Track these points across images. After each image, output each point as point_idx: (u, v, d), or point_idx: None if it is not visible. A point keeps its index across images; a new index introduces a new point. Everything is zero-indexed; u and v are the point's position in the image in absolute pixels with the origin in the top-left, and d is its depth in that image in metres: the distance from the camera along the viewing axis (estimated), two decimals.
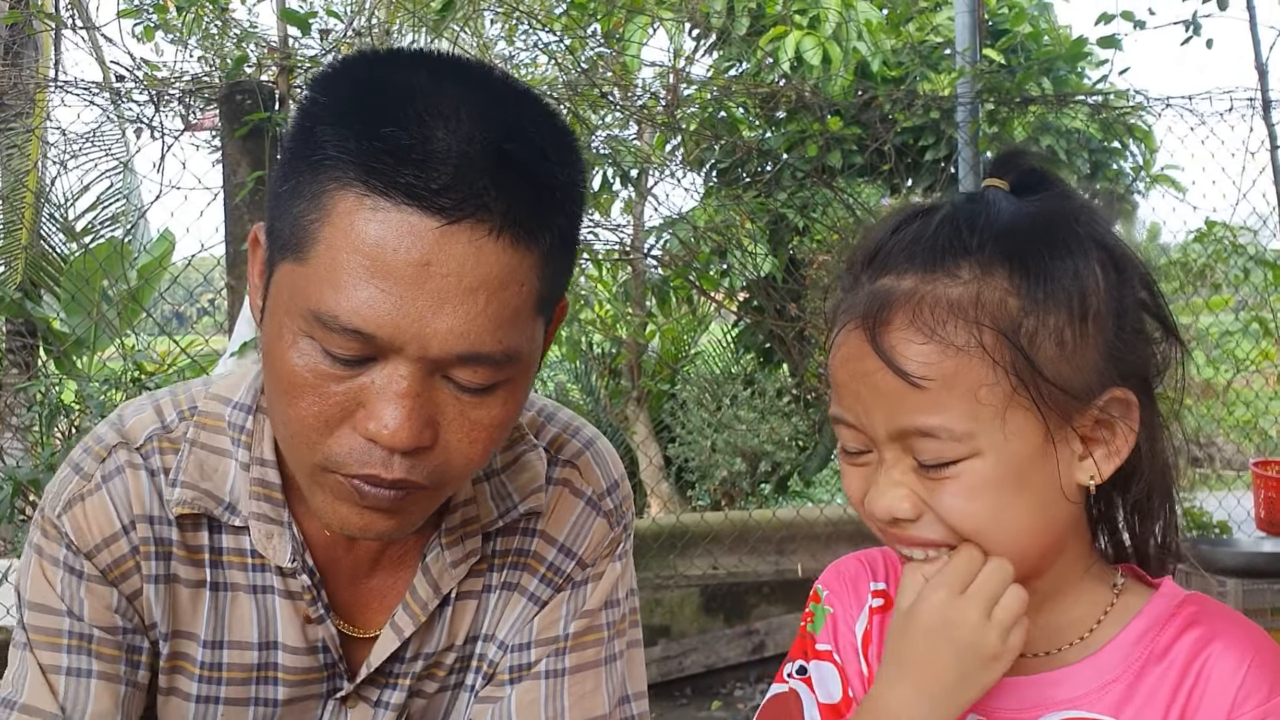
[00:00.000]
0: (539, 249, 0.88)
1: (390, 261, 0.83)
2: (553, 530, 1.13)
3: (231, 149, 3.85)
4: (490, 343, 0.86)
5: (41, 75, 5.71)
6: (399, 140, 0.83)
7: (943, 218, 0.87)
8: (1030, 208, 0.88)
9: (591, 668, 1.13)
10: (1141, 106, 5.11)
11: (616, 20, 5.16)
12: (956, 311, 0.83)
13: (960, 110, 4.66)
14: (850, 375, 0.87)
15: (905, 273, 0.86)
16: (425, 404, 0.87)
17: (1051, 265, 0.84)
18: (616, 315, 6.57)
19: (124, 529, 1.03)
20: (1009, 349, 0.82)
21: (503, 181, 0.84)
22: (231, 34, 4.68)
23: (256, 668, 1.08)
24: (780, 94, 4.99)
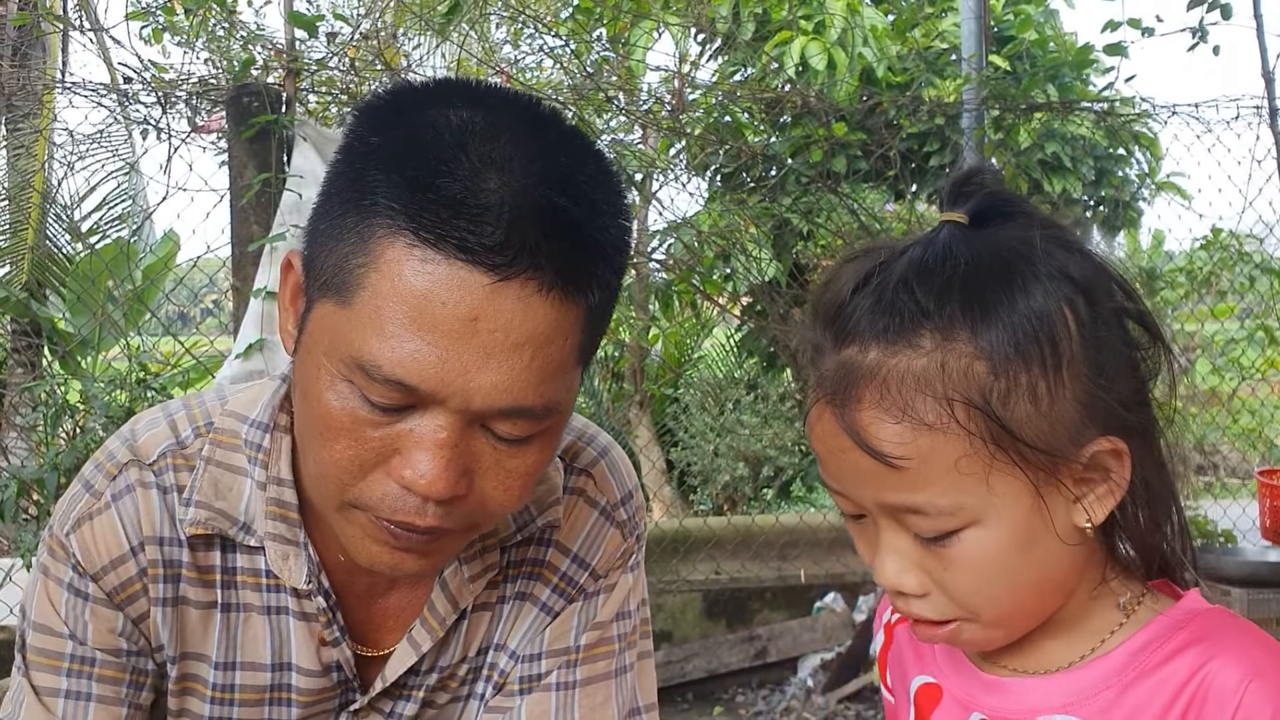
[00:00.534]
0: (586, 303, 0.87)
1: (438, 314, 0.81)
2: (567, 540, 1.12)
3: (238, 151, 3.86)
4: (533, 397, 0.85)
5: (49, 76, 5.73)
6: (452, 192, 0.81)
7: (900, 276, 0.84)
8: (988, 249, 0.84)
9: (602, 680, 1.12)
10: (1147, 114, 5.11)
11: (622, 25, 5.17)
12: (923, 386, 0.81)
13: (965, 117, 4.66)
14: (828, 451, 0.86)
15: (868, 344, 0.83)
16: (463, 454, 0.86)
17: (1015, 317, 0.81)
18: (620, 319, 6.57)
19: (132, 551, 1.02)
20: (983, 419, 0.80)
21: (554, 238, 0.83)
22: (238, 36, 4.69)
23: (270, 689, 1.07)
24: (785, 99, 4.99)
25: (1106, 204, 5.97)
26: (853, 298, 0.85)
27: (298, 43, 4.18)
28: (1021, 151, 5.53)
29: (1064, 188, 5.55)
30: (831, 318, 0.86)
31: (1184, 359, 8.04)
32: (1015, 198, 0.90)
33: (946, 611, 0.86)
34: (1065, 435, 0.82)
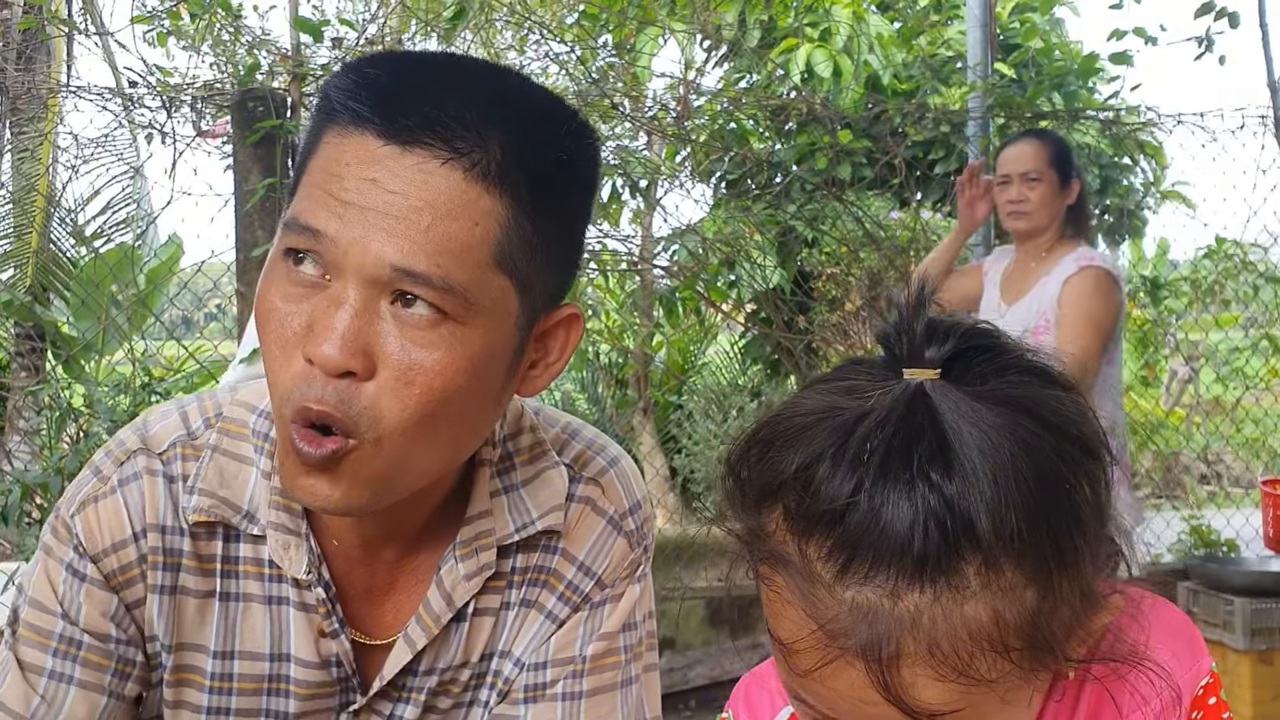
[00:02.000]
0: (502, 196, 0.89)
1: (346, 175, 0.88)
2: (573, 549, 1.11)
3: (243, 156, 3.86)
4: (426, 263, 0.87)
5: (54, 80, 5.74)
6: (380, 81, 0.90)
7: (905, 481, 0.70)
8: (996, 431, 0.72)
9: (608, 691, 1.11)
10: (1153, 123, 5.11)
11: (628, 31, 5.17)
12: (979, 640, 0.70)
13: (971, 124, 4.66)
14: (847, 704, 0.75)
15: (897, 586, 0.70)
16: (363, 328, 0.87)
17: (1054, 519, 0.72)
18: (624, 325, 6.57)
19: (134, 536, 1.02)
20: (1034, 652, 0.72)
21: (467, 119, 0.88)
22: (243, 41, 4.70)
23: (267, 679, 1.07)
24: (791, 106, 5.00)
25: (1111, 212, 5.96)
26: (847, 513, 0.71)
27: (303, 48, 4.19)
28: None
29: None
30: (815, 535, 0.73)
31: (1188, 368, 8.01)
32: (979, 331, 0.79)
33: None
34: (1088, 618, 0.76)
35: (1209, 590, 3.93)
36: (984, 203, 3.43)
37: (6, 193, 6.20)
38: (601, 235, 4.96)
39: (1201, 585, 3.99)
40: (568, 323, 1.00)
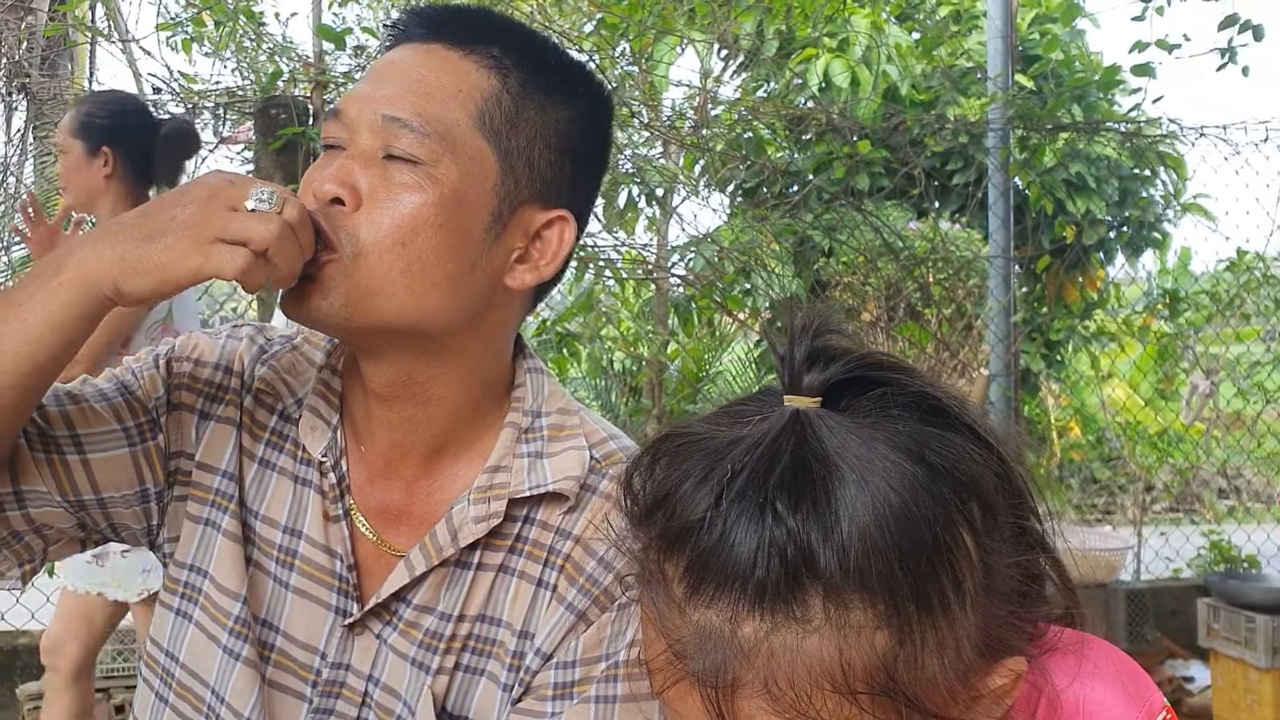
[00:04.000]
0: (492, 77, 1.08)
1: (375, 67, 1.10)
2: (595, 544, 1.13)
3: (265, 162, 3.89)
4: (409, 110, 1.04)
5: (78, 85, 5.79)
6: (420, 9, 1.11)
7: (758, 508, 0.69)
8: (864, 463, 0.69)
9: (645, 699, 1.11)
10: (1174, 135, 5.09)
11: (646, 40, 5.18)
12: (820, 679, 0.68)
13: (991, 136, 4.65)
14: None
15: (739, 613, 0.69)
16: (354, 169, 1.04)
17: (916, 562, 0.68)
18: (638, 333, 6.57)
19: (214, 366, 1.19)
20: (890, 703, 0.69)
21: (472, 24, 1.10)
22: (264, 48, 4.73)
23: (279, 548, 1.16)
24: (809, 116, 5.00)
25: (1131, 225, 5.94)
26: (698, 534, 0.71)
27: (325, 55, 4.22)
28: (1046, 171, 5.51)
29: (1088, 208, 5.53)
30: (674, 555, 0.73)
31: (1208, 382, 7.96)
32: (874, 360, 0.76)
33: None
34: (966, 677, 0.71)
35: (1230, 607, 3.90)
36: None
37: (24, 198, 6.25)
38: (617, 243, 4.97)
39: (1222, 602, 3.95)
40: (559, 225, 1.12)
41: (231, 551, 1.17)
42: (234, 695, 1.16)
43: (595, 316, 5.98)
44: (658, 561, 0.74)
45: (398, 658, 1.14)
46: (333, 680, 1.15)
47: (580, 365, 6.76)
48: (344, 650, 1.15)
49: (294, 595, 1.15)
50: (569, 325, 5.41)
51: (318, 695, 1.15)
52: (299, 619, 1.16)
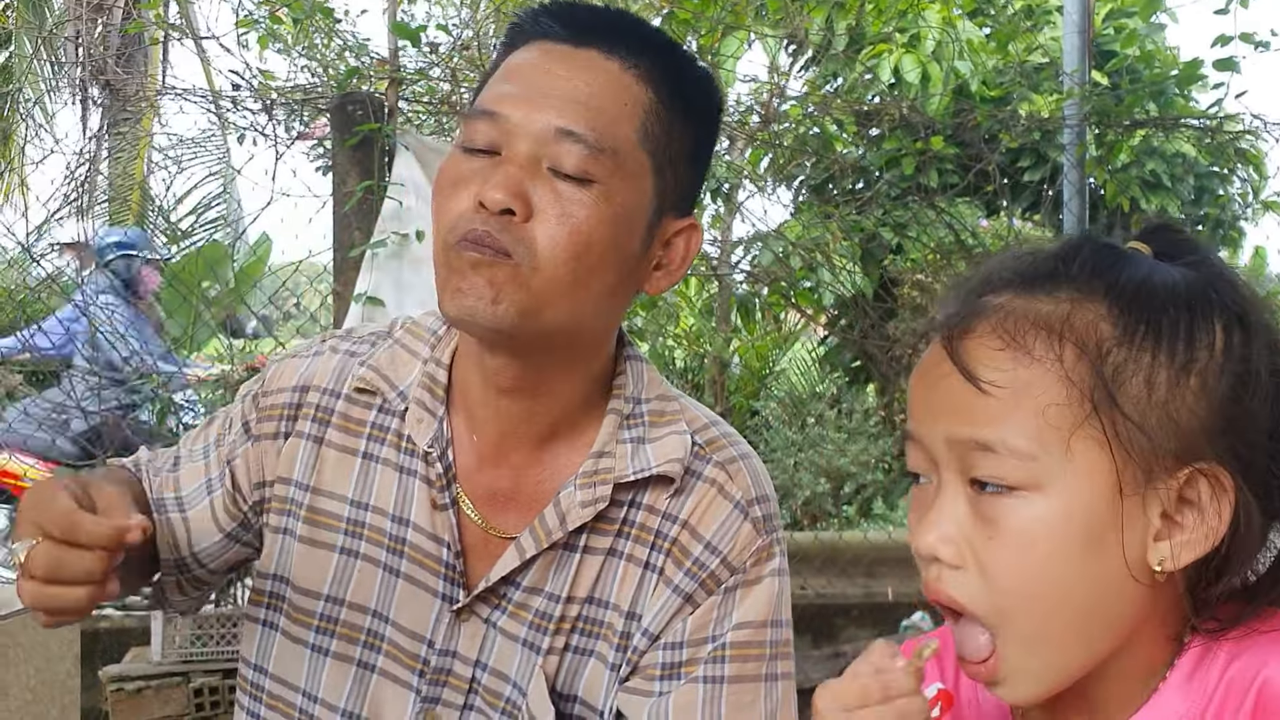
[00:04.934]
0: (651, 92, 1.08)
1: (524, 68, 1.08)
2: (701, 528, 1.16)
3: (341, 158, 3.93)
4: (584, 124, 1.04)
5: (153, 82, 5.90)
6: (560, 7, 1.10)
7: (1056, 251, 0.83)
8: (1160, 264, 0.82)
9: (751, 681, 1.14)
10: (1254, 131, 4.98)
11: (715, 36, 5.17)
12: (1042, 324, 0.78)
13: (1067, 133, 4.59)
14: (924, 385, 0.83)
15: (1003, 290, 0.82)
16: (525, 180, 1.04)
17: (1159, 303, 0.78)
18: (701, 330, 6.57)
19: (293, 390, 1.24)
20: (1089, 370, 0.75)
21: (629, 35, 1.09)
22: (335, 45, 4.78)
23: (389, 537, 1.19)
24: (880, 111, 4.96)
25: (1207, 223, 5.82)
26: (1005, 264, 0.85)
27: (400, 52, 4.25)
28: (1121, 169, 5.42)
29: (1163, 206, 5.43)
30: (975, 280, 0.85)
31: None
32: (1206, 247, 0.85)
33: (979, 601, 0.78)
34: (1171, 437, 0.75)
35: None
36: None
37: (102, 192, 6.39)
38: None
39: None
40: (688, 233, 1.16)
41: (306, 553, 1.21)
42: (327, 690, 1.20)
43: (658, 313, 5.99)
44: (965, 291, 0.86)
45: (507, 640, 1.17)
46: (440, 668, 1.18)
47: None
48: (451, 637, 1.18)
49: (404, 582, 1.19)
50: (632, 321, 5.42)
51: (425, 684, 1.18)
52: (407, 607, 1.18)
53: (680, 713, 1.12)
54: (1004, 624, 0.78)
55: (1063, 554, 0.75)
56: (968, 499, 0.79)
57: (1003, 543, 0.76)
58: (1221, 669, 0.79)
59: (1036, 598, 0.76)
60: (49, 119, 6.32)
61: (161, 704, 3.45)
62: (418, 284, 3.73)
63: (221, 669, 3.45)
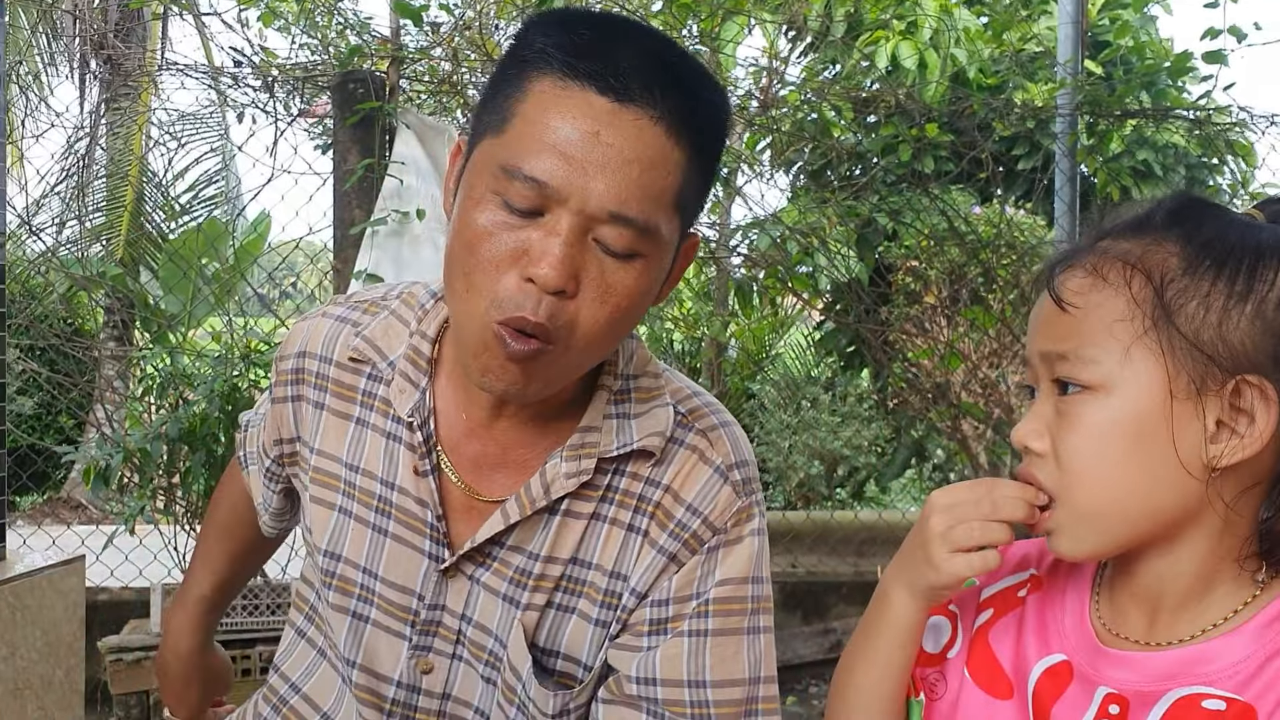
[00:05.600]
0: (686, 149, 1.06)
1: (570, 129, 1.02)
2: (683, 492, 1.21)
3: (343, 136, 3.96)
4: (636, 209, 1.03)
5: (151, 56, 5.90)
6: (592, 39, 1.04)
7: (1159, 203, 0.96)
8: (1248, 220, 0.93)
9: (734, 634, 1.20)
10: (1244, 123, 5.02)
11: (715, 21, 5.20)
12: (1121, 259, 0.92)
13: (1060, 122, 4.63)
14: (1033, 314, 0.98)
15: (1105, 236, 0.96)
16: (575, 256, 1.03)
17: (1228, 250, 0.89)
18: (698, 313, 6.61)
19: (297, 355, 1.33)
20: (1152, 294, 0.89)
21: (667, 84, 1.04)
22: (336, 24, 4.80)
23: (378, 499, 1.26)
24: (878, 98, 5.00)
25: None
26: (1115, 214, 0.99)
27: (401, 31, 4.28)
28: (1112, 158, 5.47)
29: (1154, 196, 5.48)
30: (1094, 228, 0.99)
31: None
32: None
33: (1053, 480, 0.93)
34: (1223, 352, 0.87)
35: None
36: None
37: (101, 167, 6.40)
38: None
39: None
40: (690, 246, 1.18)
41: (313, 509, 1.31)
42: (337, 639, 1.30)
43: None
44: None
45: (490, 595, 1.23)
46: (430, 620, 1.24)
47: None
48: (440, 592, 1.24)
49: (392, 541, 1.25)
50: None
51: (416, 634, 1.25)
52: (396, 564, 1.25)
53: (667, 665, 1.18)
54: (1064, 495, 0.93)
55: (1118, 443, 0.90)
56: (1054, 402, 0.94)
57: (1074, 432, 0.92)
58: None
59: (1091, 477, 0.91)
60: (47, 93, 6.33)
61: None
62: (417, 262, 3.78)
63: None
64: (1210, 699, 0.87)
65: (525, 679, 1.21)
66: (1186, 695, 0.89)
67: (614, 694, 1.21)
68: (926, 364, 4.97)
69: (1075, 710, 0.95)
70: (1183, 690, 0.89)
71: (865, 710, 1.04)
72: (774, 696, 1.23)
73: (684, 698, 1.18)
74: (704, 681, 1.18)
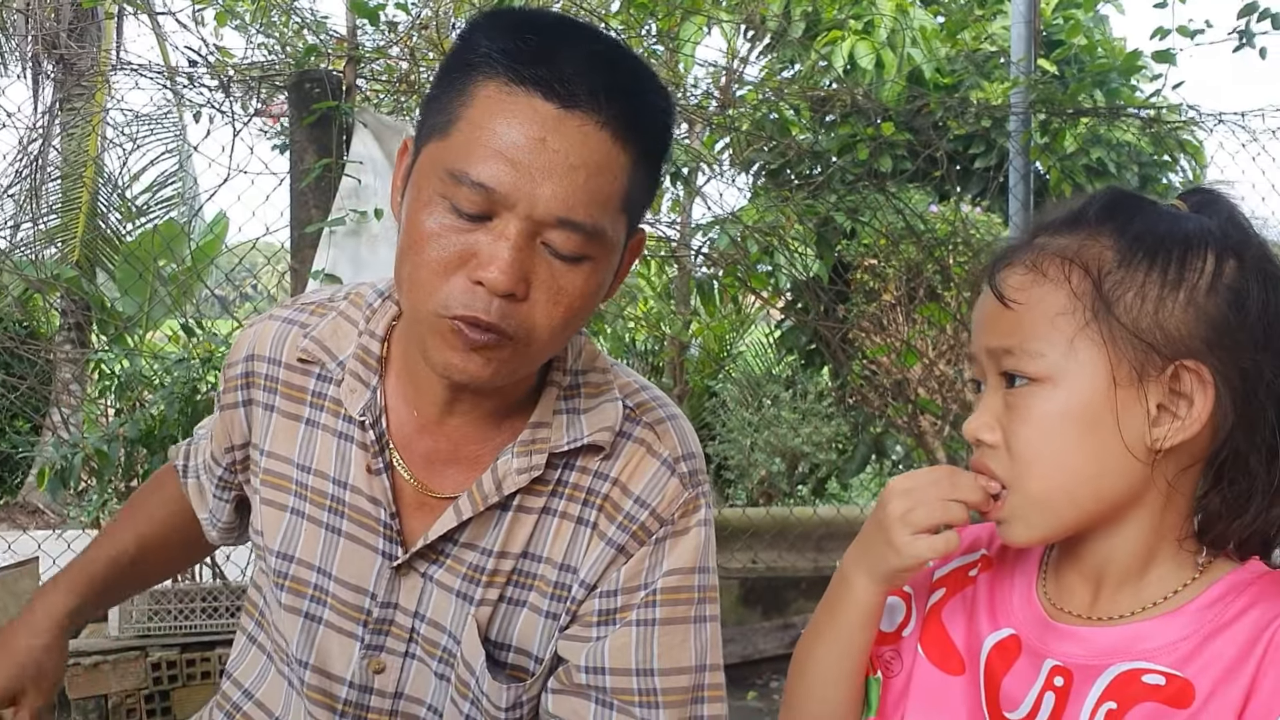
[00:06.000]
0: (632, 153, 1.07)
1: (515, 134, 1.03)
2: (631, 484, 1.23)
3: (299, 136, 3.94)
4: (583, 214, 1.04)
5: (105, 56, 5.84)
6: (537, 44, 1.04)
7: (1091, 200, 0.98)
8: (1176, 212, 0.97)
9: (681, 623, 1.22)
10: (1193, 121, 5.11)
11: (673, 20, 5.22)
12: (1058, 254, 0.95)
13: (1013, 120, 4.69)
14: (975, 313, 1.02)
15: (1041, 233, 0.99)
16: (524, 260, 1.05)
17: (1159, 234, 0.93)
18: (661, 313, 6.64)
19: (244, 359, 1.32)
20: (1091, 287, 0.92)
21: (612, 88, 1.04)
22: (293, 23, 4.78)
23: (330, 498, 1.26)
24: (835, 97, 5.04)
25: None
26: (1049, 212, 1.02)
27: (358, 31, 4.26)
28: (1066, 156, 5.54)
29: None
30: (1030, 225, 1.03)
31: None
32: (1234, 208, 0.98)
33: (1005, 469, 0.96)
34: (1161, 339, 0.91)
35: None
36: None
37: (55, 168, 6.32)
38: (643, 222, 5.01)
39: None
40: (637, 243, 1.20)
41: (265, 511, 1.30)
42: (287, 641, 1.30)
43: (619, 295, 6.04)
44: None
45: (443, 592, 1.23)
46: (382, 619, 1.25)
47: (604, 344, 6.83)
48: (392, 590, 1.24)
49: (345, 540, 1.25)
50: None
51: (368, 633, 1.25)
52: (349, 563, 1.25)
53: (615, 654, 1.20)
54: (1016, 483, 0.96)
55: (1065, 431, 0.93)
56: (1002, 395, 0.97)
57: (1024, 423, 0.94)
58: (1242, 608, 0.91)
59: (1042, 465, 0.94)
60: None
61: (119, 678, 3.46)
62: (375, 261, 3.76)
63: (179, 643, 3.47)
64: (1150, 674, 0.91)
65: (479, 674, 1.22)
66: (1128, 670, 0.92)
67: (563, 684, 1.23)
68: (885, 361, 5.02)
69: (1024, 682, 0.98)
70: (1124, 665, 0.93)
71: (825, 690, 1.07)
72: (720, 684, 1.25)
73: (632, 686, 1.20)
74: (652, 670, 1.20)
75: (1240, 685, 0.88)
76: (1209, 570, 0.96)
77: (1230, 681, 0.88)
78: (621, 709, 1.20)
